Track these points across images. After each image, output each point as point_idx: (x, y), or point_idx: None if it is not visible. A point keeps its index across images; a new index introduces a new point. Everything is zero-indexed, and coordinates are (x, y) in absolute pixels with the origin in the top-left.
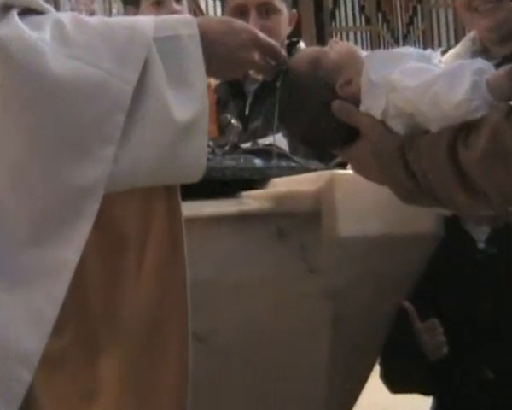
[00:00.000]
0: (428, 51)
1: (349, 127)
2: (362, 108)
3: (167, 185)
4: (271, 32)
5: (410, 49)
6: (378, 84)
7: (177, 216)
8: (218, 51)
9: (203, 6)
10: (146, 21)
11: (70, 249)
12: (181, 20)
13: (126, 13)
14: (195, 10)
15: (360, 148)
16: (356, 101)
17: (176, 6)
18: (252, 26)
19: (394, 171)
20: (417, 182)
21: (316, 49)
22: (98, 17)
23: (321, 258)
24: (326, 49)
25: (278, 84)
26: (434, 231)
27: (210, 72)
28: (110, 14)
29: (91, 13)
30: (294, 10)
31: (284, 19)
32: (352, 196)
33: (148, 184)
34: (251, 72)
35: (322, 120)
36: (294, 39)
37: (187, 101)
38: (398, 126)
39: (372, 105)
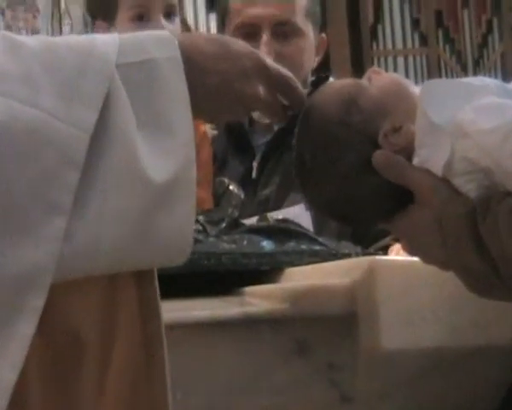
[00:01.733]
0: None
1: (397, 189)
2: (416, 160)
3: (139, 271)
4: (291, 61)
5: (486, 81)
6: (441, 127)
7: (153, 314)
8: (207, 82)
9: (192, 22)
10: (106, 41)
11: (4, 365)
12: (155, 38)
13: (95, 30)
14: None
15: (414, 217)
16: (406, 155)
17: (165, 22)
18: (265, 51)
19: (462, 249)
20: (494, 265)
21: (349, 82)
22: (40, 37)
23: (357, 380)
24: (363, 82)
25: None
26: None
27: (197, 111)
28: (60, 33)
29: (33, 31)
30: (324, 34)
31: (309, 45)
32: (400, 292)
33: (113, 270)
34: (255, 115)
35: (358, 181)
36: (323, 75)
37: (166, 153)
38: (467, 186)
39: (431, 156)
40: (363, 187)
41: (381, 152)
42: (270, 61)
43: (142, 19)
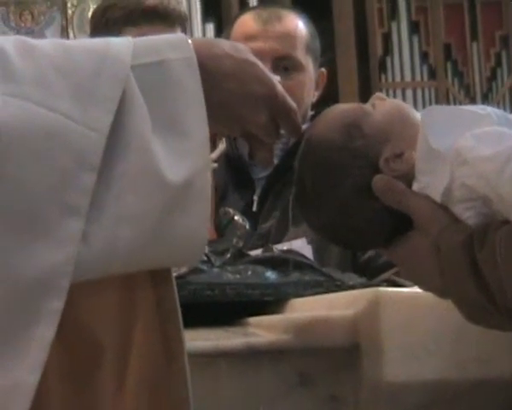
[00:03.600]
0: None
1: (397, 215)
2: (415, 186)
3: (155, 271)
4: (291, 95)
5: (487, 109)
6: (440, 153)
7: (171, 313)
8: (211, 98)
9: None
10: (121, 43)
11: (24, 368)
12: (170, 40)
13: None
14: None
15: (412, 244)
16: (407, 182)
17: None
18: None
19: (459, 277)
20: (490, 294)
21: (353, 106)
22: (55, 40)
23: None
24: (367, 107)
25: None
26: None
27: (210, 114)
28: None
29: None
30: (323, 69)
31: (309, 79)
32: (404, 325)
33: (130, 270)
34: (256, 159)
35: (357, 206)
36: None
37: (182, 154)
38: (466, 213)
39: (431, 182)
40: (363, 212)
41: (382, 177)
42: (281, 89)
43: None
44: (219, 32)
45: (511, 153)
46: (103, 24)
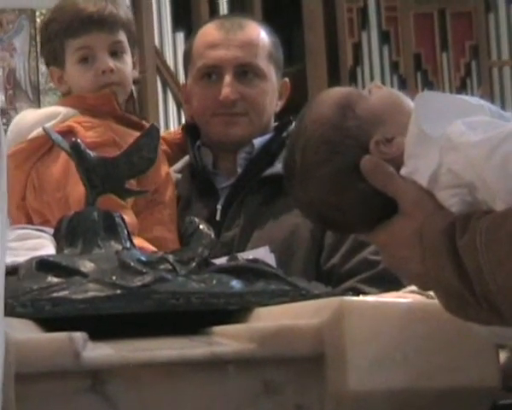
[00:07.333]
0: (510, 113)
1: (383, 199)
2: (404, 170)
3: None
4: (254, 103)
5: (481, 102)
6: (431, 138)
7: None
8: None
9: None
10: None
11: None
12: None
13: (50, 74)
14: (158, 65)
15: (396, 229)
16: (395, 167)
17: (110, 62)
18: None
19: (440, 264)
20: (469, 282)
21: (350, 89)
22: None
23: None
24: (363, 91)
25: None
26: (487, 383)
27: None
28: (37, 71)
29: (10, 70)
30: (287, 79)
31: (272, 88)
32: (369, 333)
33: None
34: None
35: (344, 185)
36: (286, 119)
37: None
38: (450, 200)
39: (419, 167)
40: (349, 192)
41: (370, 157)
42: None
43: (87, 60)
44: (186, 66)
45: (499, 140)
46: (47, 39)
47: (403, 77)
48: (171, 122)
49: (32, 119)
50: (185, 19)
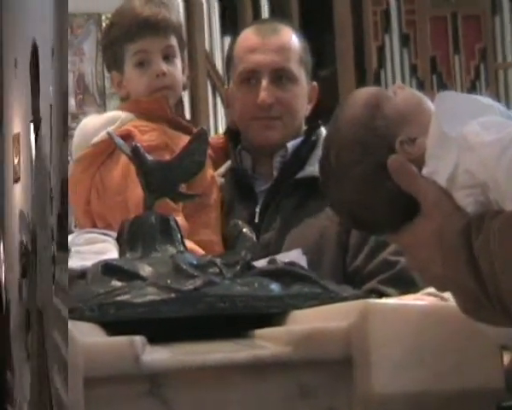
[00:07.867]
0: None
1: (409, 200)
2: (425, 170)
3: None
4: (288, 106)
5: (491, 102)
6: (450, 138)
7: None
8: None
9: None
10: None
11: None
12: None
13: (111, 78)
14: (208, 70)
15: (418, 230)
16: (418, 167)
17: (163, 66)
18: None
19: (457, 265)
20: (483, 284)
21: (377, 90)
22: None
23: None
24: (389, 92)
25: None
26: (493, 385)
27: None
28: (103, 76)
29: (80, 75)
30: (315, 83)
31: (303, 91)
32: (392, 335)
33: None
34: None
35: (374, 185)
36: (315, 123)
37: None
38: (466, 200)
39: (439, 167)
40: (378, 191)
41: (396, 157)
42: None
43: (143, 65)
44: (228, 69)
45: (509, 141)
46: (109, 44)
47: (420, 79)
48: (220, 126)
49: (94, 124)
50: (233, 24)
